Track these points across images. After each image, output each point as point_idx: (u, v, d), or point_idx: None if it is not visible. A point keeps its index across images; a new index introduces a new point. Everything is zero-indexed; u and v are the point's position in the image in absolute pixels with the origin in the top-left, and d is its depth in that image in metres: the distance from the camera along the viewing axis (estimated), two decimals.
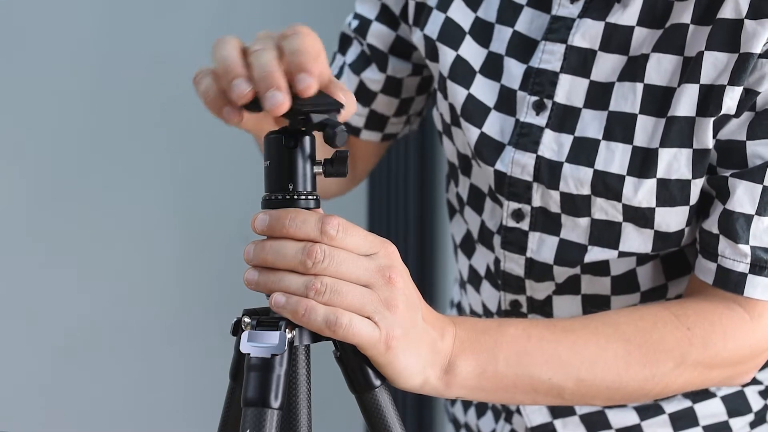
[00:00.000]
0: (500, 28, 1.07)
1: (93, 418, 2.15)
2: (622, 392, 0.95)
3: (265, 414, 0.77)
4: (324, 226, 0.79)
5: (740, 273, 0.97)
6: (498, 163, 1.05)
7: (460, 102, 1.07)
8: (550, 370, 0.91)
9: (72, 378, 2.13)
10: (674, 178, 0.98)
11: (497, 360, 0.89)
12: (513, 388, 0.91)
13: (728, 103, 0.96)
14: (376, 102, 1.19)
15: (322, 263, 0.79)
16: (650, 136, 0.99)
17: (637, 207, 1.00)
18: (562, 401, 0.94)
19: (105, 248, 2.13)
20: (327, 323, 0.79)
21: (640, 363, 0.94)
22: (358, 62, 1.19)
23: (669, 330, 0.95)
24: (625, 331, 0.94)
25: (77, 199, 2.11)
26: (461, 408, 1.25)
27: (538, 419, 1.13)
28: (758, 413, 1.12)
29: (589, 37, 1.01)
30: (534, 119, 1.03)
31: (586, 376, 0.92)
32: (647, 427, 1.11)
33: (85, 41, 2.07)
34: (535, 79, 1.03)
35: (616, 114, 1.00)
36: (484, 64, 1.07)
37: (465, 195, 1.14)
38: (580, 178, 1.00)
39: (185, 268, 2.20)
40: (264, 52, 0.78)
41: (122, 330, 2.15)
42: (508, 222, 1.07)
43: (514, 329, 0.91)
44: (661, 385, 0.95)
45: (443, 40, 1.09)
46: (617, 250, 1.03)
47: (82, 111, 2.09)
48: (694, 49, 0.97)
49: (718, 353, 0.96)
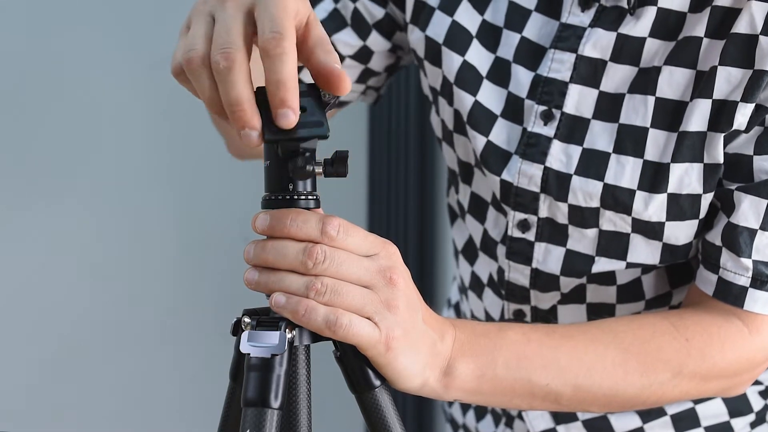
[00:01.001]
0: (508, 33, 1.05)
1: (93, 418, 2.15)
2: (619, 400, 0.95)
3: (265, 414, 0.77)
4: (325, 226, 0.79)
5: (741, 287, 0.97)
6: (504, 173, 1.04)
7: (467, 109, 1.06)
8: (548, 376, 0.91)
9: (72, 378, 2.13)
10: (685, 193, 0.98)
11: (496, 363, 0.89)
12: (511, 392, 0.90)
13: (740, 120, 0.95)
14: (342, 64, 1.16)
15: (323, 264, 0.79)
16: (662, 151, 0.98)
17: (647, 221, 0.99)
18: (559, 407, 0.94)
19: (104, 248, 2.13)
20: (327, 323, 0.79)
21: (637, 371, 0.94)
22: (332, 21, 1.13)
23: (667, 340, 0.95)
24: (624, 339, 0.94)
25: (77, 199, 2.10)
26: (459, 409, 1.25)
27: (541, 425, 1.13)
28: (759, 413, 1.12)
29: (600, 47, 1.00)
30: (542, 129, 1.02)
31: (583, 383, 0.92)
32: (650, 429, 1.10)
33: (85, 41, 2.07)
34: (543, 89, 1.02)
35: (627, 127, 0.99)
36: (491, 70, 1.05)
37: (466, 203, 1.13)
38: (590, 191, 1.00)
39: (185, 268, 2.20)
40: (231, 74, 0.73)
41: (122, 330, 2.15)
42: (514, 232, 1.06)
43: (513, 333, 0.91)
44: (658, 394, 0.95)
45: (450, 45, 1.07)
46: (625, 261, 1.02)
47: (82, 111, 2.08)
48: (707, 64, 0.96)
49: (715, 365, 0.96)
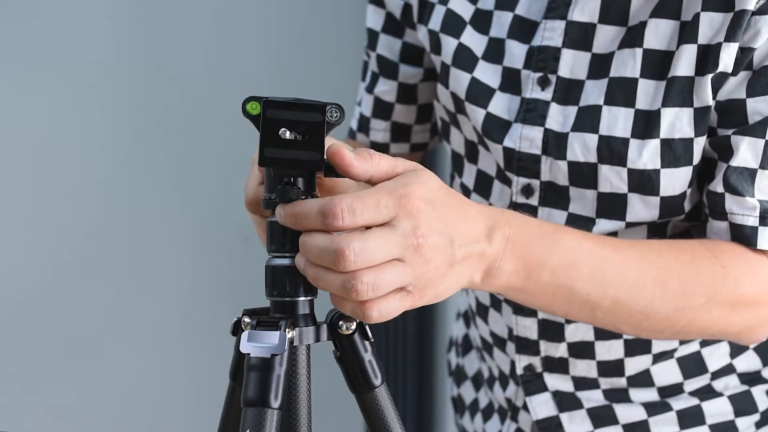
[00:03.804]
0: (500, 14, 1.08)
1: (92, 418, 2.15)
2: (651, 320, 0.96)
3: (264, 414, 0.77)
4: (326, 218, 0.77)
5: (751, 227, 0.99)
6: (506, 139, 1.06)
7: (464, 86, 1.09)
8: (590, 286, 0.91)
9: (71, 378, 2.13)
10: (677, 138, 1.00)
11: (544, 268, 0.89)
12: (551, 296, 0.91)
13: (725, 60, 0.97)
14: (395, 113, 1.22)
15: (355, 263, 0.77)
16: (652, 99, 1.00)
17: (642, 170, 1.01)
18: (593, 319, 0.95)
19: (104, 248, 2.13)
20: (357, 317, 0.80)
21: (674, 293, 0.95)
22: (371, 82, 1.21)
23: (706, 265, 0.97)
24: (667, 259, 0.96)
25: (77, 198, 2.11)
26: (469, 418, 1.26)
27: (544, 412, 1.13)
28: (764, 413, 1.13)
29: (587, 11, 1.03)
30: (539, 95, 1.05)
31: (622, 297, 0.93)
32: (654, 423, 1.11)
33: (84, 41, 2.07)
34: (538, 56, 1.05)
35: (617, 79, 1.02)
36: (486, 51, 1.09)
37: (471, 183, 1.15)
38: (586, 143, 1.02)
39: (185, 268, 2.20)
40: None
41: (122, 330, 2.15)
42: (518, 198, 1.08)
43: (568, 239, 0.91)
44: (688, 317, 0.96)
45: (445, 31, 1.11)
46: (624, 221, 1.04)
47: (82, 111, 2.08)
48: (690, 12, 0.99)
49: (746, 293, 0.98)
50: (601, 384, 1.12)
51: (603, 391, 1.12)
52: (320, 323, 0.83)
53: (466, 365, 1.28)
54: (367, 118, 1.23)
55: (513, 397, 1.16)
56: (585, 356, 1.11)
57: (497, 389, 1.19)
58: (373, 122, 1.22)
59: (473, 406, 1.25)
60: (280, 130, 0.79)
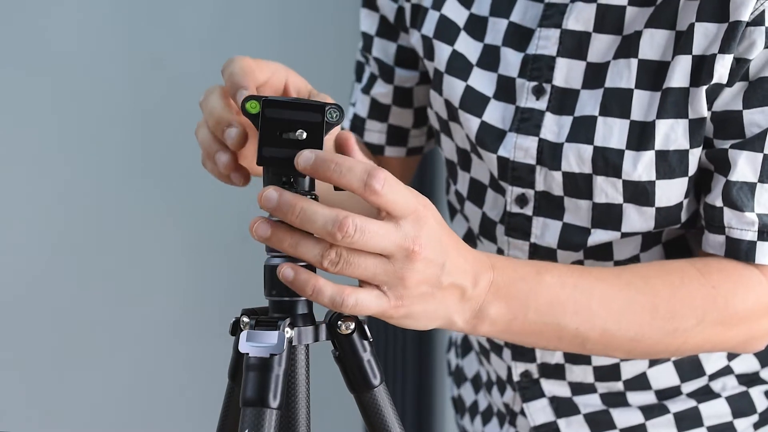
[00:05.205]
0: (495, 21, 1.08)
1: (92, 418, 2.15)
2: (643, 345, 0.96)
3: (263, 414, 0.77)
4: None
5: (749, 242, 0.98)
6: (501, 149, 1.06)
7: (458, 94, 1.08)
8: (578, 320, 0.92)
9: (71, 378, 2.13)
10: (672, 149, 1.00)
11: (529, 308, 0.90)
12: (539, 334, 0.92)
13: (720, 71, 0.97)
14: (391, 115, 1.21)
15: (352, 237, 0.78)
16: (646, 110, 1.00)
17: (637, 182, 1.01)
18: (583, 350, 0.96)
19: (103, 248, 2.13)
20: (333, 304, 0.80)
21: (664, 318, 0.95)
22: (368, 83, 1.21)
23: (695, 287, 0.97)
24: (655, 284, 0.96)
25: (76, 199, 2.10)
26: (469, 420, 1.26)
27: (541, 418, 1.13)
28: (762, 414, 1.12)
29: (582, 19, 1.03)
30: (534, 104, 1.05)
31: (611, 327, 0.93)
32: (652, 427, 1.11)
33: (84, 41, 2.07)
34: (533, 65, 1.05)
35: (612, 90, 1.01)
36: (480, 57, 1.08)
37: (465, 191, 1.14)
38: (581, 154, 1.02)
39: (184, 268, 2.20)
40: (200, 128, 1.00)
41: (120, 330, 2.15)
42: (512, 208, 1.07)
43: (550, 277, 0.92)
44: (681, 340, 0.96)
45: (439, 37, 1.10)
46: (620, 232, 1.04)
47: (82, 111, 2.08)
48: (685, 23, 0.99)
49: (737, 312, 0.98)
50: (598, 388, 1.12)
51: (600, 396, 1.12)
52: (319, 323, 0.84)
53: (466, 367, 1.28)
54: (362, 119, 1.22)
55: (511, 402, 1.16)
56: (581, 362, 1.11)
57: (495, 393, 1.19)
58: (368, 123, 1.22)
59: (473, 408, 1.25)
60: (279, 129, 0.79)
